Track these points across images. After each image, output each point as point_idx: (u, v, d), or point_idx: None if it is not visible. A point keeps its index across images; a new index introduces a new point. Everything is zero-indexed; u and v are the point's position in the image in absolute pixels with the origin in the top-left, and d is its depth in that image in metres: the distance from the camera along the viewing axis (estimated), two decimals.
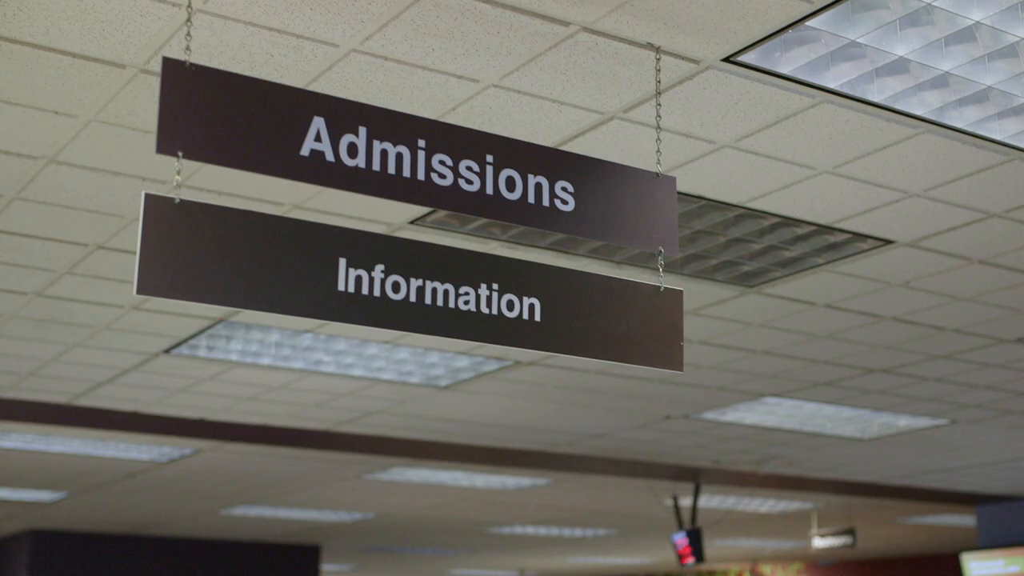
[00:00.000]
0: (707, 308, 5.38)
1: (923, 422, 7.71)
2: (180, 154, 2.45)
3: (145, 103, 3.46)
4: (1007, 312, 5.45)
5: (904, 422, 7.72)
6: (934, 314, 5.48)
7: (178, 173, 2.55)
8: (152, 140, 3.47)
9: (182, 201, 2.47)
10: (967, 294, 5.20)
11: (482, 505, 11.72)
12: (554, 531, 13.99)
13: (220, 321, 5.55)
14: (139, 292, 2.41)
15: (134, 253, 4.55)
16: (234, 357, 6.16)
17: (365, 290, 2.62)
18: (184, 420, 7.57)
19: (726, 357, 6.18)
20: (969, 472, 9.57)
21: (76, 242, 4.57)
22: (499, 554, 16.86)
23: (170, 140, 2.45)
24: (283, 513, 12.22)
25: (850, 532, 11.68)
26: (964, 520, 12.43)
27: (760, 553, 16.99)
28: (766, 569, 18.74)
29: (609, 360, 2.90)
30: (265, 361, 6.24)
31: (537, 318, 2.80)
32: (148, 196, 2.45)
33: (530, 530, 13.90)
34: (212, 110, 2.49)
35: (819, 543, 11.97)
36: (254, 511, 12.06)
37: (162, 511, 12.08)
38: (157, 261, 2.43)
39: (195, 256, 2.47)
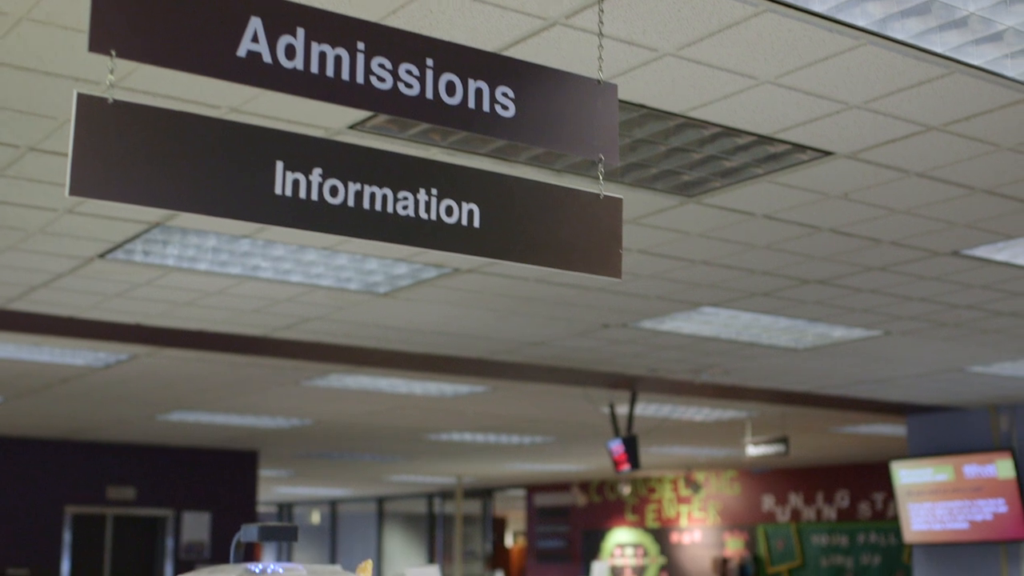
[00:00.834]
0: (646, 217, 5.39)
1: (857, 333, 7.80)
2: (113, 53, 2.40)
3: (78, 0, 3.38)
4: (942, 225, 5.50)
5: (839, 333, 7.81)
6: (871, 226, 5.52)
7: (111, 73, 2.50)
8: (85, 39, 3.40)
9: (116, 101, 2.43)
10: (904, 207, 5.24)
11: (420, 412, 11.78)
12: (492, 438, 14.10)
13: (156, 226, 5.49)
14: (71, 193, 2.37)
15: (67, 155, 4.49)
16: (170, 262, 6.11)
17: (303, 194, 2.59)
18: (120, 325, 7.52)
19: (664, 266, 6.21)
20: (901, 383, 9.72)
21: (7, 143, 4.49)
22: (437, 460, 16.99)
23: (103, 38, 2.39)
24: (220, 419, 12.22)
25: (783, 441, 11.85)
26: (894, 430, 12.64)
27: (695, 461, 17.22)
28: (700, 476, 19.01)
29: (548, 267, 2.90)
30: (202, 266, 6.19)
31: (476, 224, 2.79)
32: (80, 96, 2.41)
33: (468, 437, 14.00)
34: (146, 8, 2.44)
35: (752, 451, 12.14)
36: (191, 417, 12.05)
37: (98, 416, 12.03)
38: (90, 162, 2.39)
39: (129, 158, 2.43)
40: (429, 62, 2.74)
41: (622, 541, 20.04)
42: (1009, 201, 5.17)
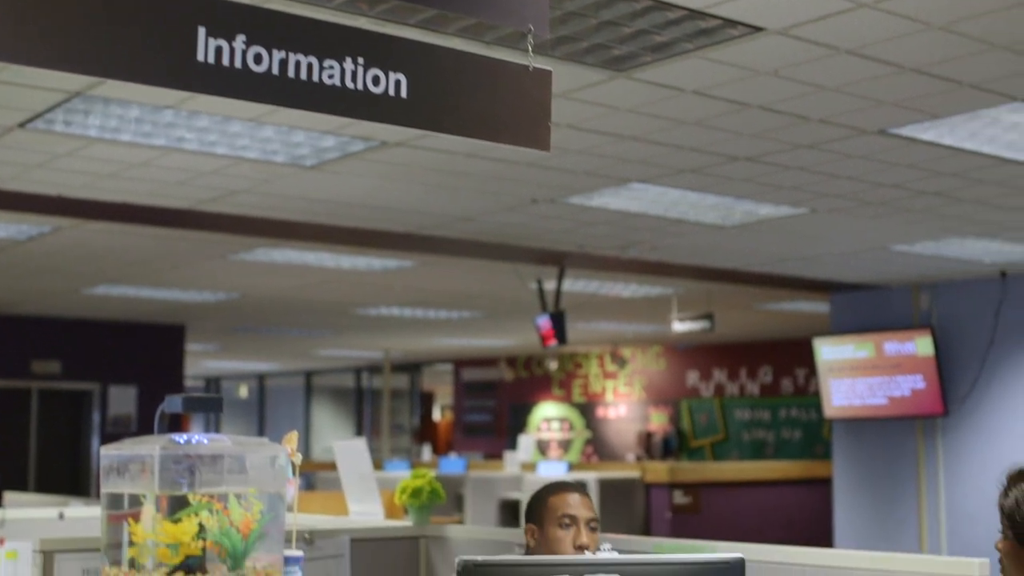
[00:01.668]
0: (576, 92, 5.36)
1: (784, 211, 7.85)
2: None
3: None
4: (870, 104, 5.52)
5: (765, 210, 7.86)
6: (799, 104, 5.52)
7: None
8: None
9: None
10: (833, 84, 5.24)
11: (347, 286, 11.76)
12: (419, 313, 14.13)
13: (77, 95, 5.38)
14: None
15: None
16: (93, 133, 6.00)
17: (226, 61, 2.54)
18: (42, 197, 7.39)
19: (594, 142, 6.19)
20: (825, 261, 9.82)
21: None
22: (365, 335, 17.01)
23: None
24: (146, 293, 12.13)
25: (708, 317, 11.97)
26: (818, 307, 12.81)
27: (621, 337, 17.38)
28: (626, 352, 19.21)
29: (476, 138, 2.87)
30: (125, 137, 6.09)
31: (403, 94, 2.75)
32: None
33: (396, 311, 14.02)
34: None
35: (678, 327, 12.26)
36: (116, 290, 11.94)
37: (22, 290, 11.90)
38: (5, 25, 2.32)
39: (47, 20, 2.36)
40: None
41: (548, 415, 20.28)
42: (937, 81, 5.19)
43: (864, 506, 11.29)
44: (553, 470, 13.90)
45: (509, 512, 13.01)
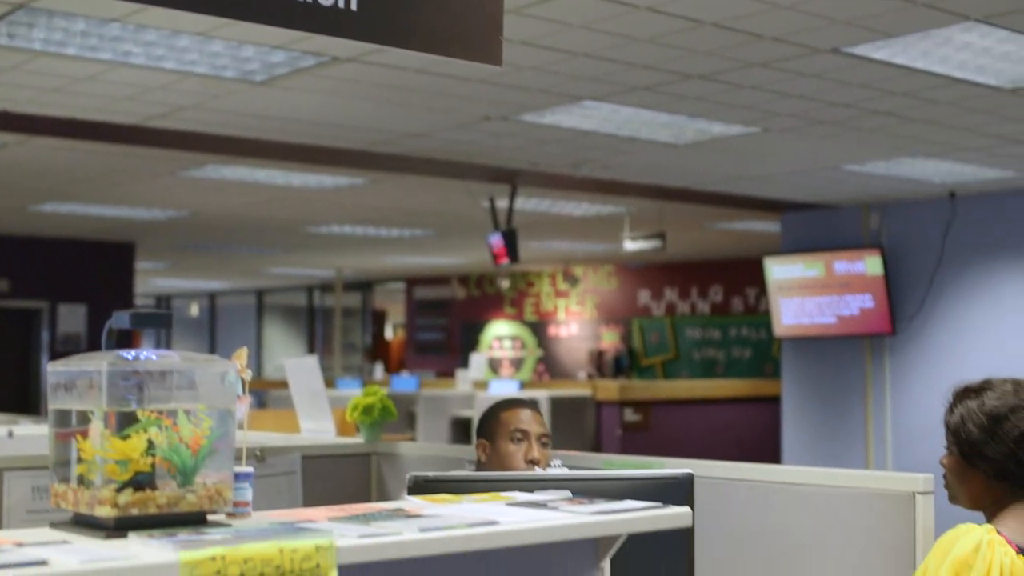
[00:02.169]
0: (529, 8, 5.31)
1: (736, 130, 7.85)
2: None
3: None
4: (824, 22, 5.50)
5: (718, 129, 7.85)
6: (753, 21, 5.50)
7: None
8: None
9: None
10: (787, 2, 5.22)
11: (298, 204, 11.69)
12: (371, 231, 14.08)
13: (20, 7, 5.27)
14: None
15: None
16: (37, 46, 5.89)
17: None
18: None
19: (547, 59, 6.15)
20: (777, 180, 9.85)
21: None
22: (316, 253, 16.96)
23: None
24: (95, 210, 12.01)
25: (660, 236, 12.00)
26: (769, 227, 12.87)
27: (573, 255, 17.42)
28: (578, 271, 19.26)
29: (427, 53, 2.84)
30: (71, 51, 5.98)
31: (353, 7, 2.71)
32: None
33: (347, 230, 13.96)
34: None
35: (630, 246, 12.29)
36: (65, 208, 11.82)
37: None
38: None
39: None
40: None
41: (500, 334, 20.34)
42: None
43: (812, 424, 11.42)
44: (505, 388, 13.97)
45: (461, 430, 13.08)
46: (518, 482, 2.90)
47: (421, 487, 2.91)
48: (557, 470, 3.83)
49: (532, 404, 4.00)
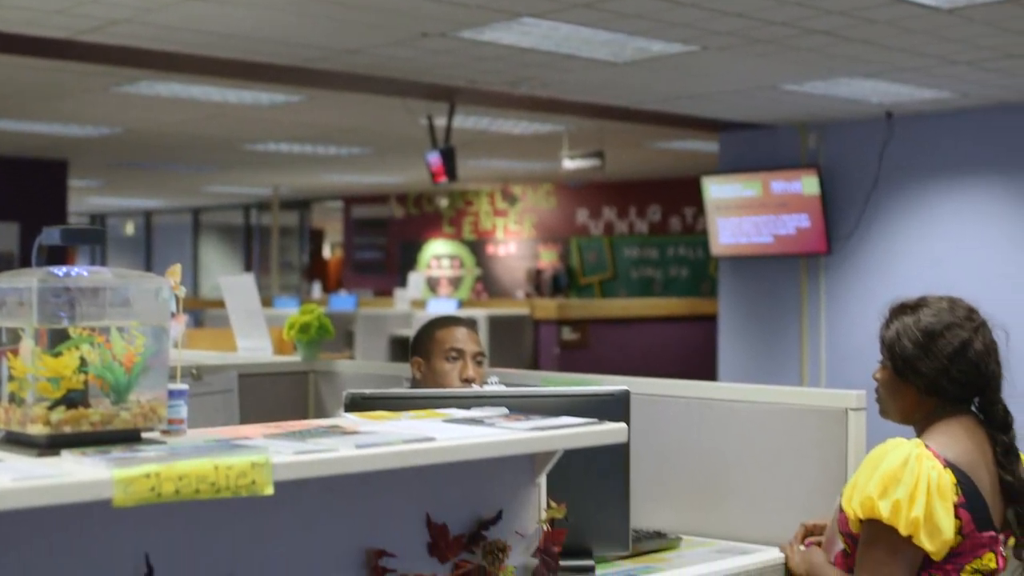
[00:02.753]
0: None
1: (675, 48, 7.82)
2: None
3: None
4: None
5: (657, 47, 7.82)
6: None
7: None
8: None
9: None
10: None
11: (234, 121, 11.56)
12: (308, 148, 13.96)
13: None
14: None
15: None
16: None
17: None
18: None
19: None
20: (715, 99, 9.85)
21: None
22: (253, 171, 16.80)
23: None
24: (26, 127, 11.81)
25: (599, 155, 11.99)
26: (707, 146, 12.89)
27: (512, 174, 17.37)
28: (517, 190, 19.23)
29: None
30: None
31: None
32: None
33: (284, 147, 13.83)
34: None
35: (569, 165, 12.27)
36: None
37: None
38: None
39: None
40: None
41: (439, 253, 20.31)
42: None
43: (748, 342, 11.53)
44: (443, 307, 13.97)
45: (399, 349, 13.08)
46: (455, 399, 2.91)
47: (358, 404, 2.91)
48: (494, 387, 3.85)
49: (468, 322, 4.01)
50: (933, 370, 2.81)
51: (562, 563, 2.78)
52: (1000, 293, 9.38)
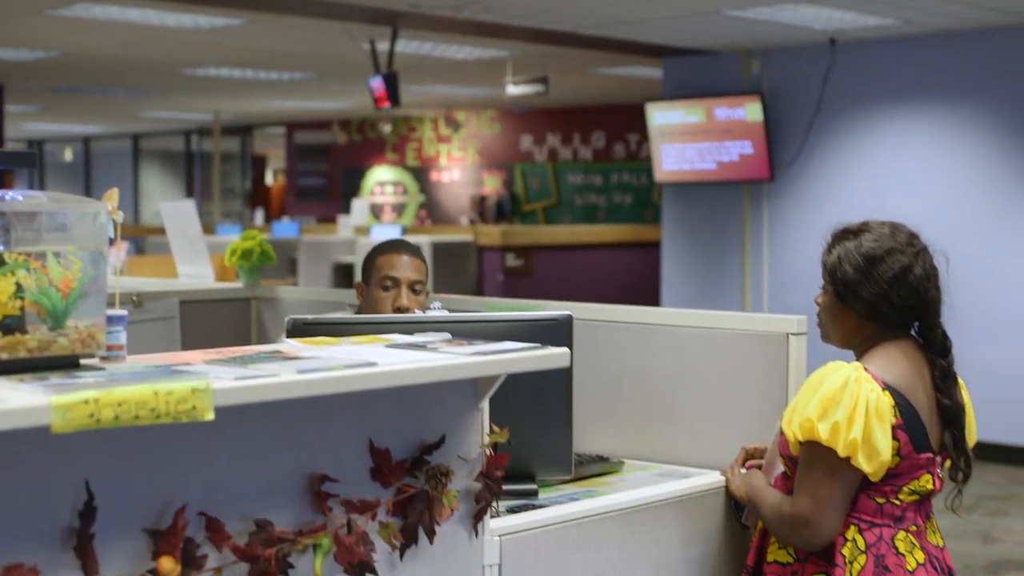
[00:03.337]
0: None
1: None
2: None
3: None
4: None
5: None
6: None
7: None
8: None
9: None
10: None
11: (174, 45, 11.39)
12: (249, 73, 13.80)
13: None
14: None
15: None
16: None
17: None
18: None
19: None
20: (659, 24, 9.80)
21: None
22: (193, 96, 16.59)
23: None
24: None
25: (543, 81, 11.93)
26: (651, 72, 12.85)
27: (455, 100, 17.27)
28: (460, 116, 19.13)
29: None
30: None
31: None
32: None
33: (225, 72, 13.66)
34: None
35: (512, 91, 12.21)
36: None
37: None
38: None
39: None
40: None
41: (382, 179, 20.21)
42: None
43: (691, 268, 11.58)
44: (387, 234, 13.93)
45: (342, 276, 13.05)
46: (398, 324, 2.90)
47: (300, 330, 2.90)
48: (437, 312, 3.84)
49: (411, 248, 3.97)
50: (873, 295, 2.83)
51: (505, 487, 2.80)
52: (941, 219, 9.47)
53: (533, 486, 2.96)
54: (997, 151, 9.60)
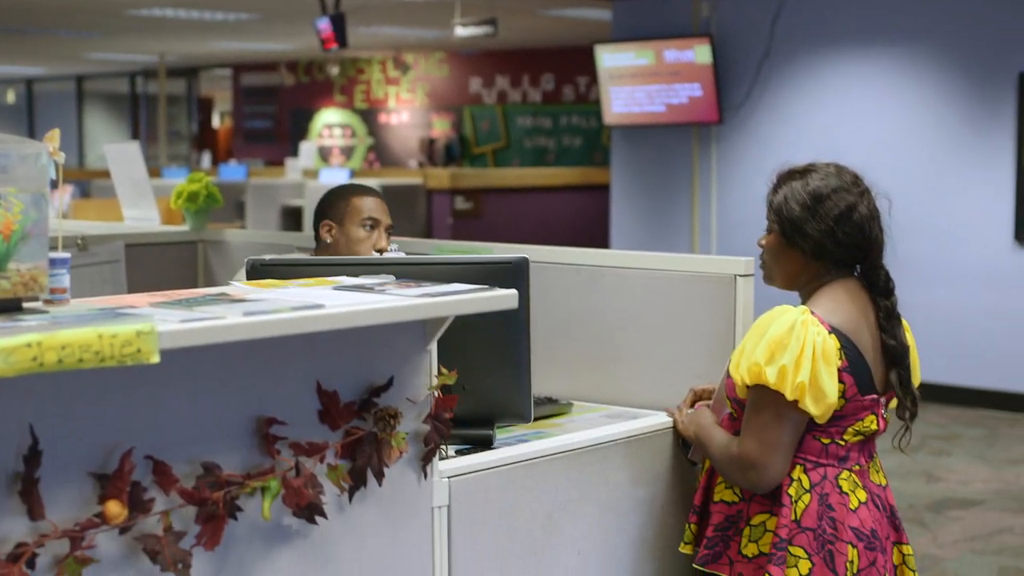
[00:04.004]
0: None
1: None
2: None
3: None
4: None
5: None
6: None
7: None
8: None
9: None
10: None
11: None
12: (194, 14, 13.62)
13: None
14: None
15: None
16: None
17: None
18: None
19: None
20: None
21: None
22: (137, 38, 16.38)
23: None
24: None
25: (492, 22, 11.86)
26: (600, 14, 12.80)
27: (403, 42, 17.14)
28: (409, 58, 18.99)
29: None
30: None
31: None
32: None
33: (170, 12, 13.48)
34: None
35: (461, 32, 12.13)
36: None
37: None
38: None
39: None
40: None
41: (330, 122, 20.06)
42: None
43: (640, 211, 11.60)
44: (335, 177, 13.86)
45: (291, 218, 12.98)
46: (359, 266, 2.86)
47: (258, 271, 2.88)
48: (397, 255, 3.84)
49: (380, 194, 4.00)
50: (819, 232, 2.85)
51: (461, 432, 2.80)
52: (888, 161, 9.52)
53: (489, 432, 2.95)
54: (943, 93, 9.65)
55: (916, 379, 2.95)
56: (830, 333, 2.76)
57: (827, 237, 2.85)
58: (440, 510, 2.59)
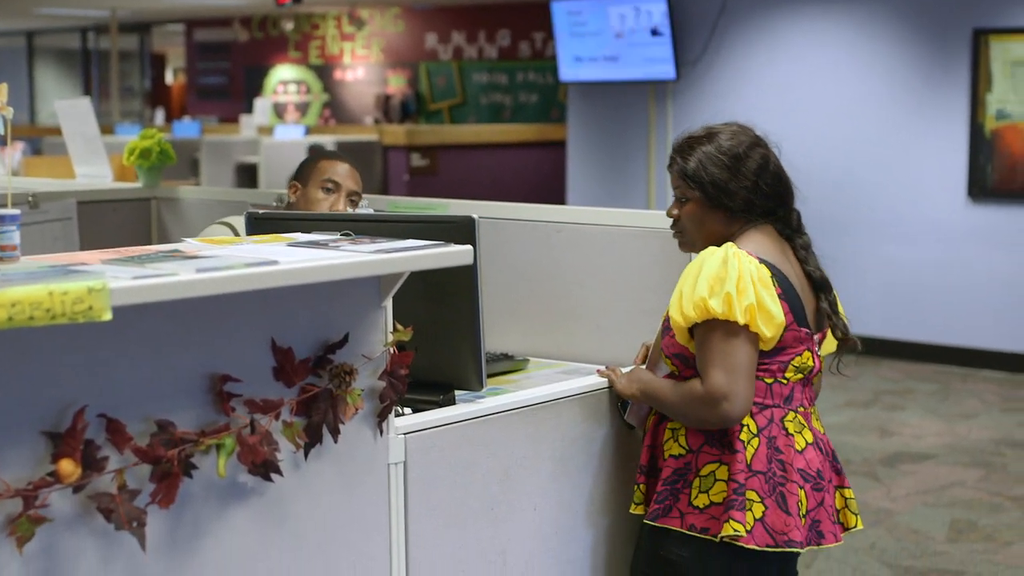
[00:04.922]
0: None
1: None
2: None
3: None
4: None
5: None
6: None
7: None
8: None
9: None
10: None
11: None
12: None
13: None
14: None
15: None
16: None
17: None
18: None
19: None
20: None
21: None
22: None
23: None
24: None
25: None
26: None
27: None
28: (364, 13, 18.86)
29: None
30: None
31: None
32: None
33: None
34: None
35: None
36: None
37: None
38: None
39: None
40: None
41: (285, 78, 19.91)
42: None
43: (597, 168, 11.60)
44: (290, 133, 13.77)
45: (246, 176, 12.88)
46: (347, 222, 2.83)
47: (253, 223, 2.92)
48: (365, 211, 3.85)
49: (352, 162, 3.98)
50: (744, 188, 2.94)
51: (418, 396, 2.79)
52: (846, 117, 9.55)
53: (451, 394, 2.91)
54: (899, 50, 9.67)
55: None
56: (760, 263, 2.82)
57: (753, 191, 2.94)
58: (396, 466, 2.59)
